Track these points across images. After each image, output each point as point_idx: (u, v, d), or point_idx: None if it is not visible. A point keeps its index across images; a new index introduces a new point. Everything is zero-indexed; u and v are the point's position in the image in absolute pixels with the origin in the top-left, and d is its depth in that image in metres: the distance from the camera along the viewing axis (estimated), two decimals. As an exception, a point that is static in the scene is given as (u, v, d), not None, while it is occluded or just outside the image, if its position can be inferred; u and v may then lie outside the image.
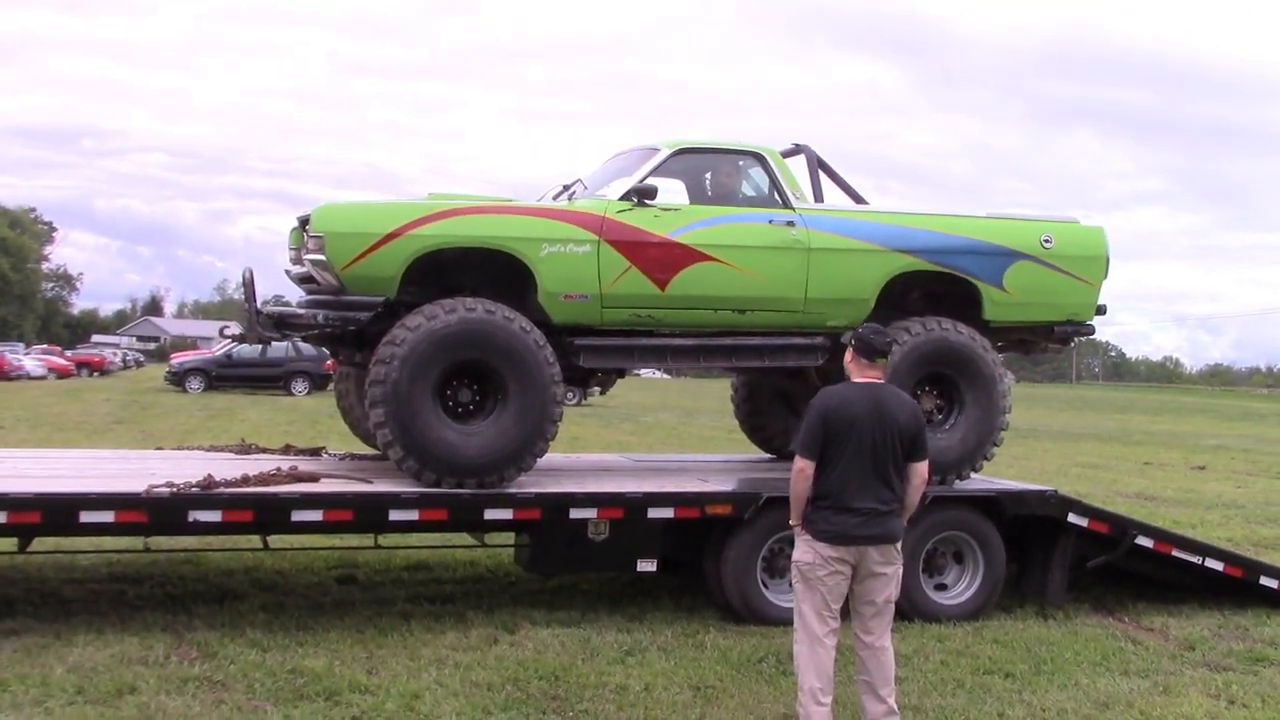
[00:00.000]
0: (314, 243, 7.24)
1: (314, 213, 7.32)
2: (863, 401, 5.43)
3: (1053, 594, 8.35)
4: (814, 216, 8.22)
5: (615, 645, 6.88)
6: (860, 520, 5.35)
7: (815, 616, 5.40)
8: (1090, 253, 8.84)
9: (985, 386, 8.37)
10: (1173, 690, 6.52)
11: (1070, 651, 7.20)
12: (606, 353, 7.87)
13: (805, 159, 8.81)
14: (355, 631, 6.97)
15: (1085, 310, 8.92)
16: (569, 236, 7.58)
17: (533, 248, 7.50)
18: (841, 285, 8.18)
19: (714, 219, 8.03)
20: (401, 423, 7.08)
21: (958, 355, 8.31)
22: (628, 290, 7.72)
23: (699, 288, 7.87)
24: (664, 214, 7.83)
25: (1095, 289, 8.89)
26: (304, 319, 7.37)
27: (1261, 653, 7.44)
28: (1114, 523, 8.48)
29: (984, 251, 8.50)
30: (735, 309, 8.02)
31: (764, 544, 7.57)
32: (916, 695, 6.20)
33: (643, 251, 7.71)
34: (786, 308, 8.13)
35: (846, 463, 5.36)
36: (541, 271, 7.51)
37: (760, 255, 7.99)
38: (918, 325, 8.24)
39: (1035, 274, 8.61)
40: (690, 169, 8.37)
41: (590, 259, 7.60)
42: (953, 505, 8.01)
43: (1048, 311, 8.85)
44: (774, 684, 6.28)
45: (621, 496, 7.41)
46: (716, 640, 7.09)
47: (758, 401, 10.06)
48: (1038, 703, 6.17)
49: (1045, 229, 8.72)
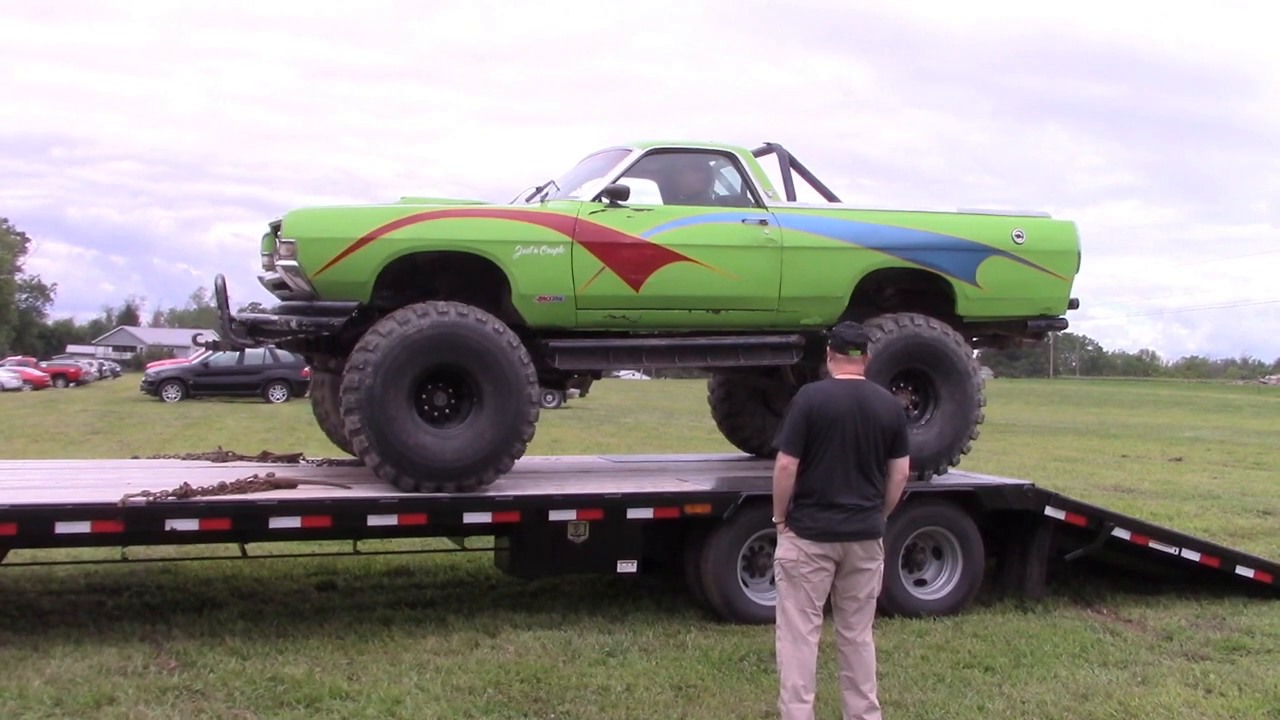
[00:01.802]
0: (286, 248, 7.19)
1: (285, 218, 7.27)
2: (845, 398, 5.45)
3: (1032, 587, 8.39)
4: (787, 215, 8.23)
5: (597, 646, 6.88)
6: (844, 516, 5.36)
7: (799, 614, 5.41)
8: (1062, 247, 8.89)
9: (959, 381, 8.41)
10: (1151, 680, 6.56)
11: (1049, 644, 7.24)
12: (582, 354, 7.85)
13: (777, 158, 8.81)
14: (335, 638, 6.94)
15: (1058, 304, 8.97)
16: (542, 238, 7.56)
17: (506, 250, 7.48)
18: (815, 283, 8.19)
19: (687, 219, 8.01)
20: (377, 428, 7.04)
21: (931, 351, 8.33)
22: (602, 291, 7.70)
23: (673, 288, 7.86)
24: (637, 214, 7.82)
25: (1067, 283, 8.93)
26: (278, 325, 7.32)
27: (1238, 641, 7.49)
28: (1091, 515, 8.53)
29: (956, 247, 8.53)
30: (710, 309, 8.02)
31: (744, 542, 7.58)
32: (897, 690, 6.22)
33: (616, 252, 7.70)
34: (761, 306, 8.14)
35: (830, 459, 5.38)
36: (515, 274, 7.50)
37: (733, 255, 7.98)
38: (890, 322, 8.25)
39: (1007, 269, 8.65)
40: (663, 169, 8.37)
41: (564, 261, 7.58)
42: (931, 501, 8.04)
43: (1021, 306, 8.89)
44: (755, 682, 6.29)
45: (600, 498, 7.41)
46: (698, 640, 7.09)
47: (735, 401, 10.08)
48: (1017, 696, 6.20)
49: (1017, 224, 8.75)
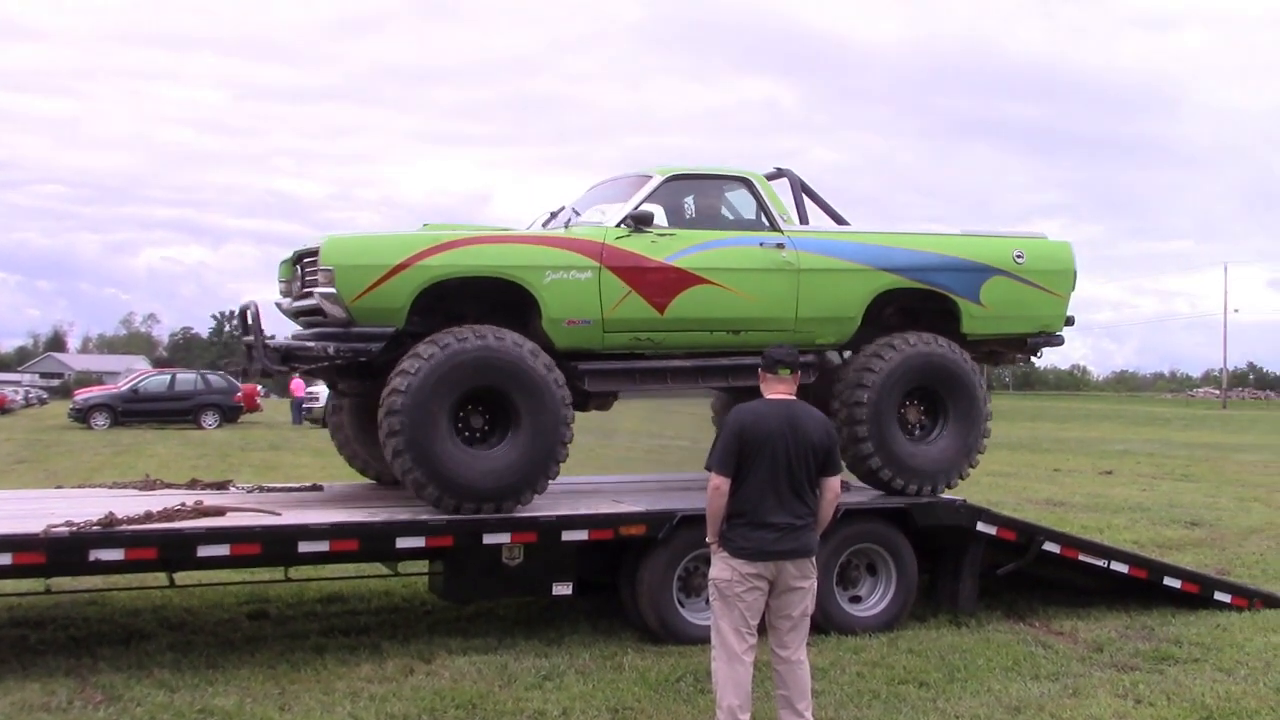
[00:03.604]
0: (324, 276, 7.28)
1: (323, 245, 7.36)
2: (776, 418, 5.49)
3: (965, 602, 8.48)
4: (802, 238, 8.48)
5: (533, 670, 6.83)
6: (777, 535, 5.39)
7: (733, 634, 5.42)
8: (1059, 267, 9.21)
9: (969, 400, 8.68)
10: (1082, 692, 6.65)
11: (983, 658, 7.31)
12: (610, 376, 8.03)
13: (789, 182, 9.02)
14: (267, 667, 6.84)
15: (1055, 322, 9.30)
16: (571, 263, 7.74)
17: (537, 275, 7.64)
18: (830, 304, 8.45)
19: (708, 243, 8.22)
20: (420, 450, 7.12)
21: (943, 369, 8.58)
22: (628, 314, 7.89)
23: (696, 310, 8.07)
24: (660, 239, 8.01)
25: (1064, 301, 9.27)
26: (313, 351, 7.40)
27: (1167, 651, 7.62)
28: (1022, 530, 8.64)
29: (961, 268, 8.83)
30: (730, 330, 8.25)
31: (679, 563, 7.58)
32: (833, 708, 6.24)
33: (642, 276, 7.89)
34: (778, 327, 8.34)
35: (762, 479, 5.41)
36: (545, 298, 7.65)
37: (753, 277, 8.22)
38: (903, 340, 8.48)
39: (1009, 288, 8.96)
40: (681, 194, 8.56)
41: (592, 285, 7.76)
42: (865, 518, 8.10)
43: (1021, 324, 9.22)
44: (692, 703, 6.28)
45: (535, 520, 7.38)
46: (634, 661, 7.07)
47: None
48: (951, 710, 6.25)
49: (1017, 245, 9.07)
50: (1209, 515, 14.71)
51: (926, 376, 8.57)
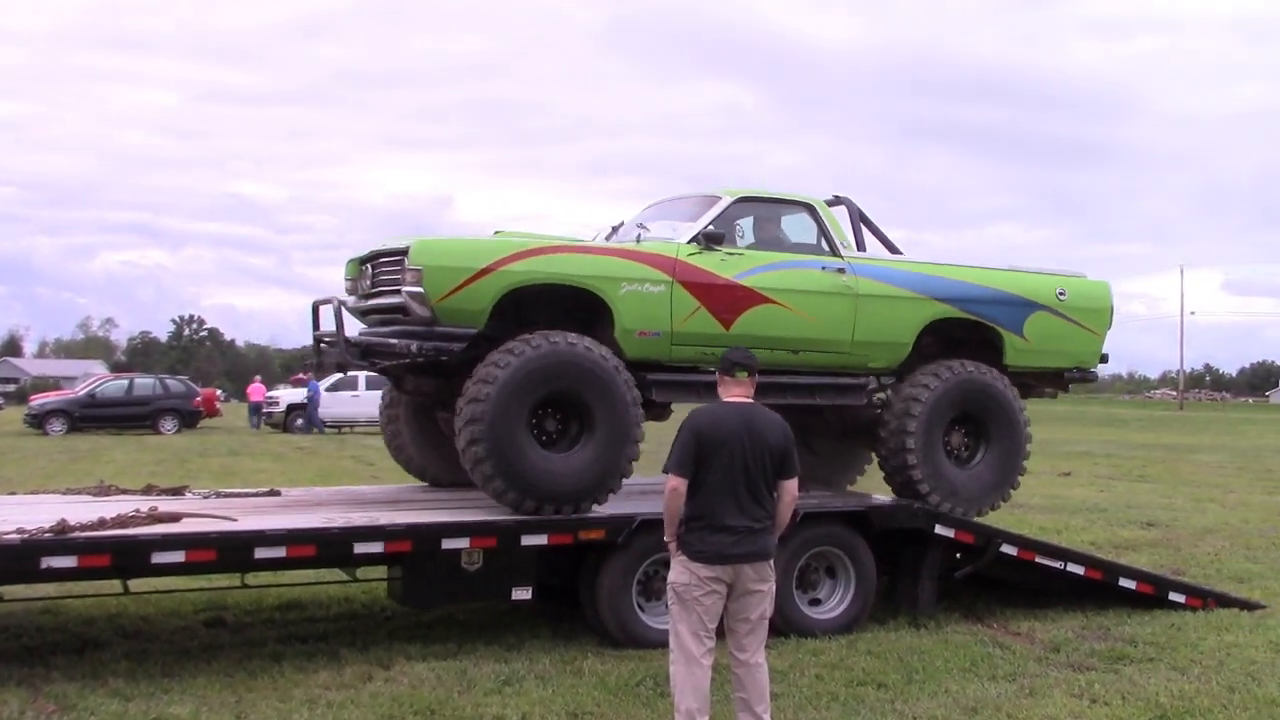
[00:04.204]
0: (412, 275, 7.48)
1: (414, 246, 7.54)
2: (733, 421, 5.50)
3: (924, 604, 8.53)
4: (861, 264, 8.82)
5: (492, 676, 6.81)
6: (735, 539, 5.40)
7: (691, 637, 5.43)
8: (1098, 305, 9.71)
9: (1011, 427, 9.13)
10: (1038, 692, 6.70)
11: (941, 659, 7.36)
12: (676, 388, 8.24)
13: (847, 210, 9.30)
14: (223, 675, 6.77)
15: (1092, 358, 9.77)
16: (645, 276, 7.98)
17: (613, 286, 7.88)
18: (885, 329, 8.80)
19: (775, 264, 8.51)
20: (500, 452, 7.31)
21: (990, 397, 9.02)
22: (696, 329, 8.14)
23: (760, 328, 8.31)
24: (729, 258, 8.29)
25: (1101, 338, 9.76)
26: (396, 349, 7.55)
27: (1122, 651, 7.70)
28: (979, 532, 8.71)
29: (1008, 302, 9.24)
30: (790, 349, 8.52)
31: (639, 567, 7.58)
32: (792, 710, 6.26)
33: (711, 293, 8.15)
34: (835, 349, 8.68)
35: (719, 482, 5.42)
36: (620, 309, 7.89)
37: (814, 299, 8.53)
38: (950, 369, 8.88)
39: (1051, 324, 9.41)
40: (744, 216, 8.83)
41: (664, 298, 8.01)
42: (824, 521, 8.13)
43: (1060, 359, 9.66)
44: (652, 706, 6.28)
45: (494, 525, 7.36)
46: (594, 666, 7.07)
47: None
48: (909, 711, 6.28)
49: (1060, 282, 9.54)
50: (1165, 516, 14.87)
51: (973, 403, 8.97)
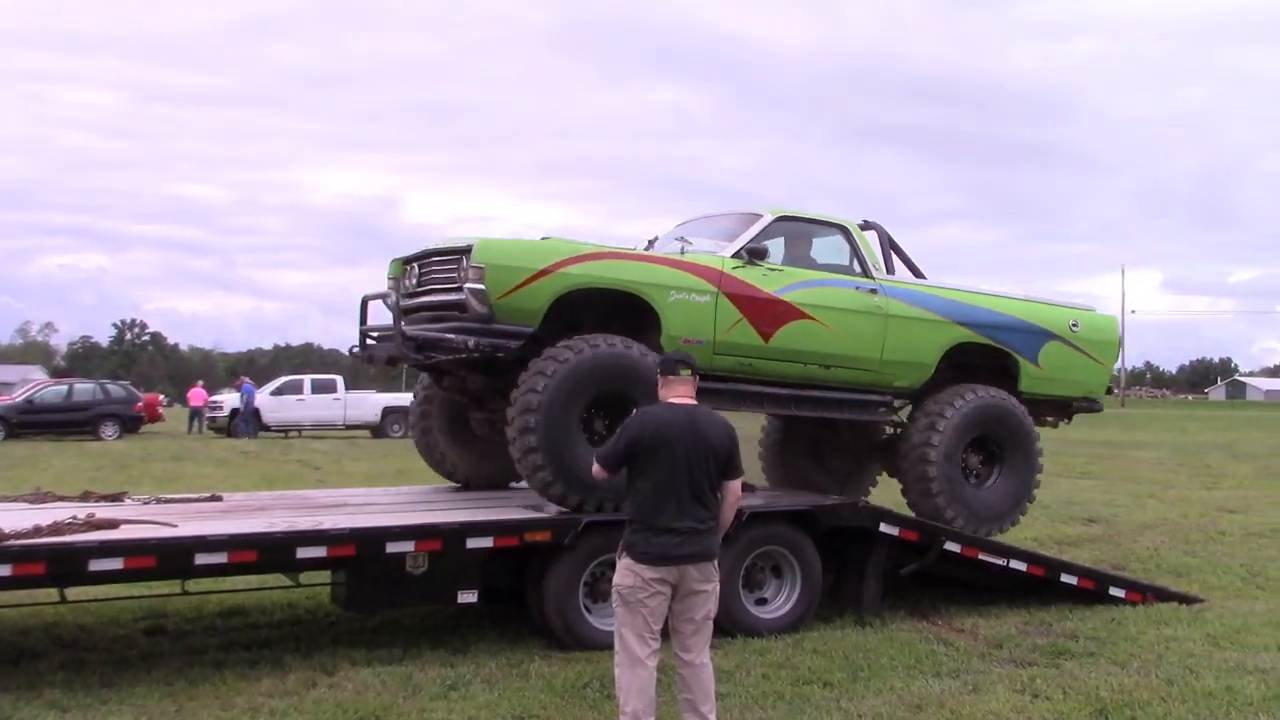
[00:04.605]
0: (474, 273, 7.67)
1: (477, 245, 7.74)
2: (677, 422, 5.50)
3: (869, 602, 8.59)
4: (891, 287, 9.20)
5: (438, 680, 6.76)
6: (679, 540, 5.40)
7: (636, 639, 5.42)
8: (1107, 338, 10.22)
9: (1026, 450, 9.52)
10: (981, 688, 6.76)
11: (886, 657, 7.41)
12: (717, 396, 8.32)
13: (876, 234, 9.60)
14: (164, 684, 6.67)
15: (1099, 389, 10.25)
16: (693, 286, 8.25)
17: (662, 294, 8.12)
18: (911, 350, 9.17)
19: (813, 281, 8.86)
20: (551, 445, 7.52)
21: (1009, 420, 9.40)
22: (737, 339, 8.42)
23: (796, 342, 8.65)
24: (771, 273, 8.61)
25: (1109, 370, 10.29)
26: (454, 344, 7.69)
27: (1063, 646, 7.79)
28: (923, 530, 8.78)
29: (1026, 330, 9.68)
30: (822, 364, 8.85)
31: (586, 568, 7.56)
32: (738, 710, 6.27)
33: (753, 305, 8.44)
34: (863, 367, 9.01)
35: (663, 483, 5.41)
36: (667, 316, 8.13)
37: (848, 318, 8.87)
38: (972, 392, 9.29)
39: (1064, 354, 9.85)
40: (784, 234, 9.13)
41: (709, 308, 8.28)
42: (770, 521, 8.16)
43: (1070, 387, 10.08)
44: (598, 708, 6.27)
45: (438, 528, 7.31)
46: (541, 669, 7.04)
47: (789, 448, 10.73)
48: (854, 709, 6.31)
49: (1073, 314, 10.04)
50: (1106, 512, 15.09)
51: (991, 426, 9.34)
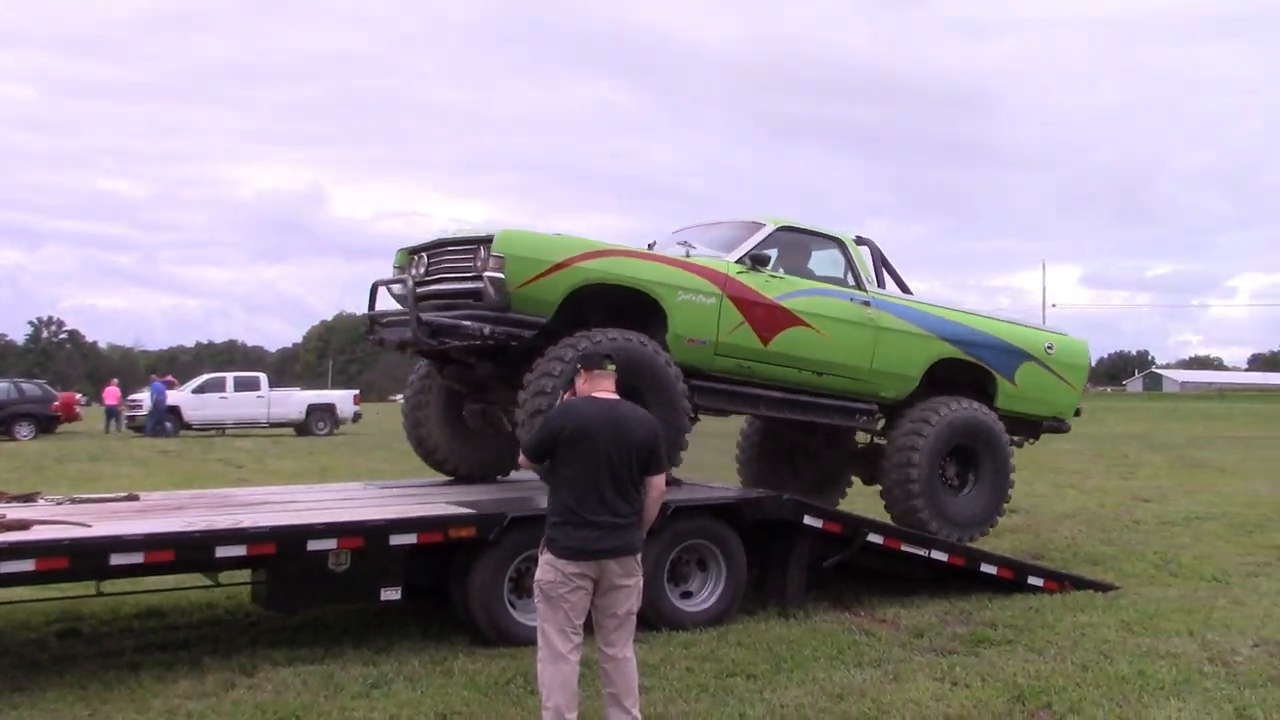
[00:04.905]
0: (494, 262, 7.85)
1: (498, 235, 7.93)
2: (599, 416, 5.49)
3: (793, 594, 8.65)
4: (882, 300, 9.56)
5: (360, 679, 6.69)
6: (600, 534, 5.39)
7: (558, 634, 5.41)
8: (1078, 361, 10.71)
9: (1001, 461, 9.93)
10: (902, 677, 6.84)
11: (809, 648, 7.47)
12: (714, 395, 8.77)
13: (869, 250, 9.96)
14: (77, 688, 6.53)
15: (1068, 410, 10.73)
16: (700, 288, 8.52)
17: (671, 293, 8.38)
18: (899, 362, 9.54)
19: (812, 290, 9.18)
20: None
21: (985, 432, 9.81)
22: (738, 342, 8.72)
23: (793, 347, 8.97)
24: (773, 280, 8.91)
25: (1078, 393, 10.73)
26: (469, 330, 7.87)
27: (982, 634, 7.92)
28: (847, 522, 8.86)
29: (1005, 349, 10.12)
30: (815, 370, 9.17)
31: (510, 564, 7.53)
32: (661, 703, 6.28)
33: (755, 310, 8.74)
34: (853, 375, 9.36)
35: (584, 477, 5.40)
36: (674, 315, 8.39)
37: (843, 327, 9.21)
38: (953, 403, 9.68)
39: (1038, 374, 10.30)
40: (783, 243, 9.36)
41: (713, 310, 8.56)
42: (695, 515, 8.18)
43: (1042, 407, 10.52)
44: (521, 704, 6.24)
45: (361, 525, 7.23)
46: (465, 665, 7.00)
47: (766, 453, 11.11)
48: (777, 700, 6.35)
49: (1048, 337, 10.55)
50: (1026, 502, 15.33)
51: (969, 437, 9.73)
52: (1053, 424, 10.73)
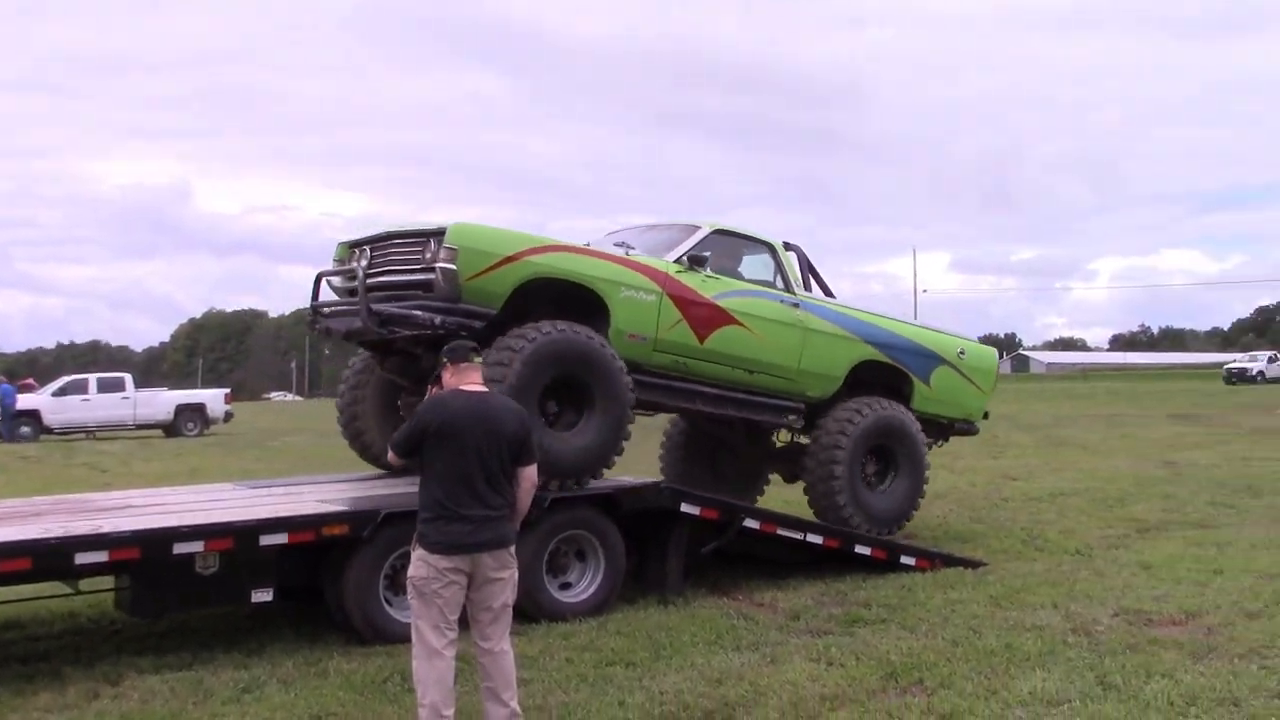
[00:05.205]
0: (446, 253, 7.96)
1: (451, 228, 8.03)
2: (466, 409, 5.43)
3: (672, 581, 8.69)
4: (810, 303, 9.99)
5: (231, 684, 6.53)
6: (471, 528, 5.33)
7: (432, 630, 5.34)
8: (987, 367, 11.40)
9: (917, 458, 10.49)
10: (779, 659, 6.93)
11: (688, 634, 7.51)
12: (653, 390, 9.02)
13: (795, 255, 10.28)
14: (-72, 705, 6.25)
15: (977, 413, 11.39)
16: (642, 285, 8.77)
17: (615, 290, 8.61)
18: (825, 363, 9.99)
19: (746, 291, 9.54)
20: None
21: (900, 431, 10.36)
22: (676, 338, 9.01)
23: (727, 346, 9.30)
24: (709, 280, 9.23)
25: (987, 397, 11.39)
26: (420, 320, 7.95)
27: (857, 614, 8.07)
28: (723, 508, 8.94)
29: (922, 353, 10.72)
30: (747, 369, 9.52)
31: (385, 561, 7.42)
32: (541, 695, 6.25)
33: (692, 308, 9.05)
34: (782, 375, 9.74)
35: (453, 471, 5.34)
36: (617, 311, 8.61)
37: (774, 328, 9.58)
38: (875, 403, 10.20)
39: (951, 378, 10.92)
40: (717, 246, 9.65)
41: (654, 307, 8.82)
42: (572, 505, 8.17)
43: (953, 409, 11.14)
44: (399, 703, 6.16)
45: (229, 526, 7.05)
46: (340, 665, 6.87)
47: (691, 450, 11.52)
48: (656, 687, 6.37)
49: (960, 343, 11.19)
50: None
51: (888, 436, 10.25)
52: (963, 426, 11.39)
